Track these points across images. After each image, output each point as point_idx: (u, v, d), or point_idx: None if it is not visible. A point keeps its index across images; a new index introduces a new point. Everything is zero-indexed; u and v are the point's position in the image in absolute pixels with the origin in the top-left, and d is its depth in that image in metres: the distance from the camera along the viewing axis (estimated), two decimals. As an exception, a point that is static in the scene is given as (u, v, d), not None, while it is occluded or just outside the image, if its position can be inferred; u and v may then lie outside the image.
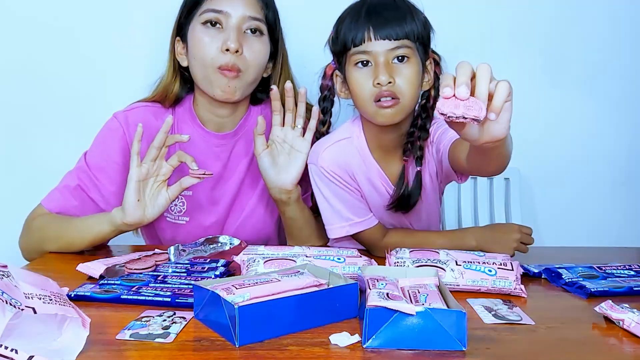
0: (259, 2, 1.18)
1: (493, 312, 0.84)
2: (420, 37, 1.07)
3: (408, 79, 1.05)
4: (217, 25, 1.14)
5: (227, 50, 1.12)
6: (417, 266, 0.94)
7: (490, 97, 0.71)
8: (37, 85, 1.58)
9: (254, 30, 1.16)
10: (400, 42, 1.04)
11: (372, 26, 1.03)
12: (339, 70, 1.13)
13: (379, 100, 1.05)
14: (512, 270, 0.94)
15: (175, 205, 1.23)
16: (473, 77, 0.72)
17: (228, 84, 1.14)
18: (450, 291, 0.89)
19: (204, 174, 1.06)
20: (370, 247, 1.19)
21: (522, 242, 1.13)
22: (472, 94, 0.71)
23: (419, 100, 1.13)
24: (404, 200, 1.14)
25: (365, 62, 1.06)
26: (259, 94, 1.27)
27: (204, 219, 1.24)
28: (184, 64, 1.21)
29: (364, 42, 1.04)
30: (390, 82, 1.03)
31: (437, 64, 1.14)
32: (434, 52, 1.14)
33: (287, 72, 1.26)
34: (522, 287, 0.94)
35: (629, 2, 1.70)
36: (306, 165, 1.17)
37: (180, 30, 1.20)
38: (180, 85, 1.24)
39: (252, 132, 1.22)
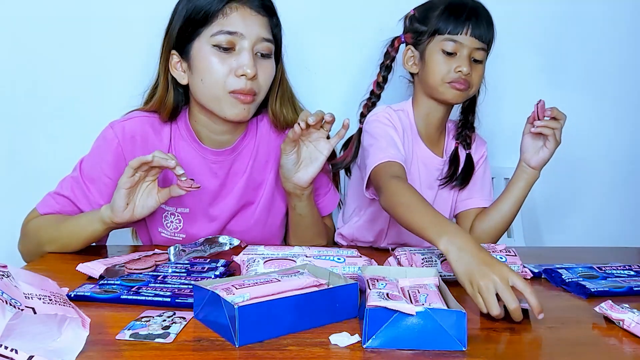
0: (271, 22, 1.15)
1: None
2: (491, 45, 1.27)
3: (479, 76, 1.26)
4: (230, 49, 1.09)
5: (243, 75, 1.08)
6: (442, 260, 0.99)
7: None
8: (35, 87, 1.57)
9: (264, 53, 1.13)
10: (483, 44, 1.23)
11: (471, 24, 1.21)
12: (414, 46, 1.29)
13: (451, 83, 1.23)
14: (516, 255, 1.04)
15: (172, 222, 1.22)
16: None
17: (244, 109, 1.12)
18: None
19: (191, 187, 1.04)
20: (379, 182, 1.14)
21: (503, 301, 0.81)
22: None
23: None
24: (457, 175, 1.32)
25: (451, 51, 1.22)
26: None
27: (200, 236, 1.20)
28: (183, 81, 1.15)
29: (460, 34, 1.21)
30: (469, 74, 1.22)
31: None
32: None
33: (284, 86, 1.22)
34: (527, 269, 1.03)
35: (629, 1, 1.70)
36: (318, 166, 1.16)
37: (180, 44, 1.13)
38: (175, 97, 1.18)
39: (250, 149, 1.23)
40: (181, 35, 1.12)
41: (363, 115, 1.35)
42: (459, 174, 1.33)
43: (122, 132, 1.16)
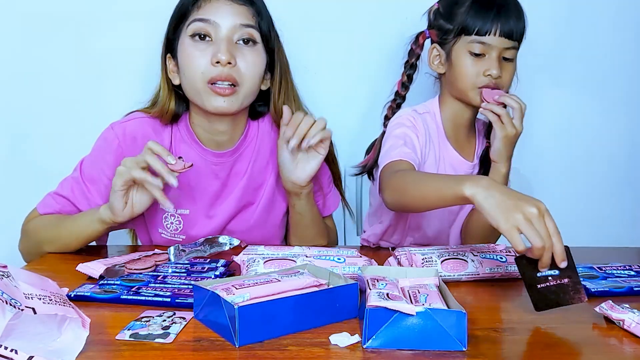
0: (250, 10, 1.12)
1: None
2: (523, 38, 1.21)
3: (510, 76, 1.21)
4: (207, 37, 1.10)
5: (218, 62, 1.07)
6: (443, 260, 0.98)
7: None
8: (35, 86, 1.58)
9: (246, 40, 1.11)
10: (514, 43, 1.18)
11: (500, 23, 1.15)
12: (440, 45, 1.23)
13: (482, 88, 1.18)
14: None
15: (172, 223, 1.22)
16: None
17: (224, 101, 1.10)
18: (471, 281, 0.96)
19: (184, 168, 1.03)
20: (383, 180, 1.15)
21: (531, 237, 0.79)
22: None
23: None
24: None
25: (479, 52, 1.17)
26: (259, 108, 1.23)
27: (200, 237, 1.18)
28: (176, 82, 1.16)
29: (488, 35, 1.15)
30: (499, 77, 1.17)
31: None
32: None
33: (287, 83, 1.21)
34: None
35: (629, 1, 1.70)
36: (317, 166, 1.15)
37: (170, 46, 1.16)
38: (176, 103, 1.18)
39: (251, 150, 1.23)
40: (170, 37, 1.16)
41: (387, 118, 1.31)
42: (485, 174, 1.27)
43: (122, 133, 1.17)
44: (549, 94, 1.71)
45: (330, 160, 1.28)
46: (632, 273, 1.02)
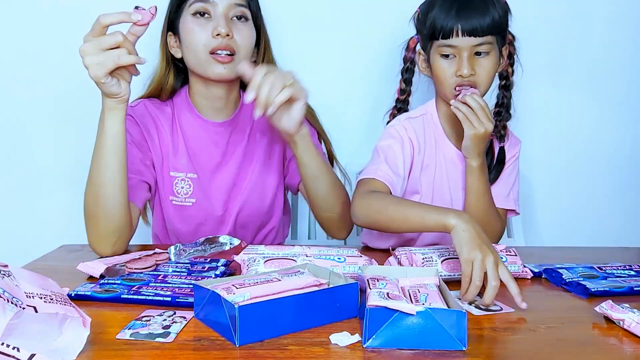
0: None
1: (474, 304, 0.87)
2: (501, 29, 1.17)
3: (487, 71, 1.17)
4: (206, 14, 1.22)
5: (218, 35, 1.19)
6: (443, 260, 0.99)
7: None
8: (35, 87, 1.58)
9: (239, 17, 1.24)
10: (484, 38, 1.14)
11: (460, 23, 1.13)
12: (423, 50, 1.25)
13: (456, 88, 1.17)
14: (516, 255, 1.03)
15: (182, 187, 1.30)
16: None
17: (224, 68, 1.21)
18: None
19: (151, 15, 1.02)
20: (354, 196, 1.17)
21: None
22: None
23: (499, 82, 1.29)
24: (490, 169, 1.26)
25: (449, 53, 1.16)
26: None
27: (208, 201, 1.30)
28: (178, 55, 1.27)
29: (452, 37, 1.14)
30: (471, 75, 1.15)
31: (510, 43, 1.27)
32: (509, 33, 1.25)
33: (269, 57, 1.32)
34: (527, 269, 1.02)
35: (630, 1, 1.70)
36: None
37: (172, 25, 1.27)
38: (175, 77, 1.31)
39: (246, 122, 1.32)
40: (172, 17, 1.26)
41: None
42: (493, 168, 1.28)
43: (133, 113, 1.26)
44: (549, 94, 1.71)
45: (309, 116, 1.31)
46: (632, 273, 1.02)
